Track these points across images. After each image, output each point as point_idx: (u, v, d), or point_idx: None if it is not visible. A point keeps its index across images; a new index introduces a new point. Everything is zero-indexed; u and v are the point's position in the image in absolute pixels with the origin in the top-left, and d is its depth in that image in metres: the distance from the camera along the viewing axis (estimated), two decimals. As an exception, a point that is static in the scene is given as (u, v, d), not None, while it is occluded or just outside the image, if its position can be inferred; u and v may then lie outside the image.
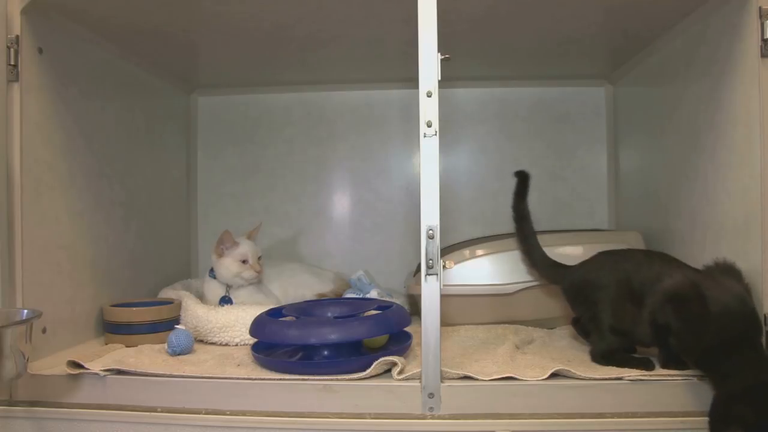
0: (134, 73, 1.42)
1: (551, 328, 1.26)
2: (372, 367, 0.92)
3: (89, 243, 1.21)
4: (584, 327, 1.09)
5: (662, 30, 1.23)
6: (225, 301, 1.32)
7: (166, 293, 1.37)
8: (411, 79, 0.90)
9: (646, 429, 0.88)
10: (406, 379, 0.91)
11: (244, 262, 1.32)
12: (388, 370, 0.95)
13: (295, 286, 1.45)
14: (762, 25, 0.91)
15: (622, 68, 1.55)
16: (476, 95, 1.70)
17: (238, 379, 0.94)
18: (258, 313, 1.10)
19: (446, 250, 1.34)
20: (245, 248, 1.33)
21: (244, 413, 0.92)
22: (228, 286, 1.35)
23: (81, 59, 1.20)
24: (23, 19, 1.01)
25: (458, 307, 1.27)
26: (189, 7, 1.11)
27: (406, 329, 1.08)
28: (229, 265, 1.33)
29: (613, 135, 1.66)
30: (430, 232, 0.87)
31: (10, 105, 0.99)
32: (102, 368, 0.96)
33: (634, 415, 0.89)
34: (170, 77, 1.60)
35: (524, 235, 1.19)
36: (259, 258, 1.35)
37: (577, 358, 1.02)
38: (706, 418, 0.83)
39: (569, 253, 1.29)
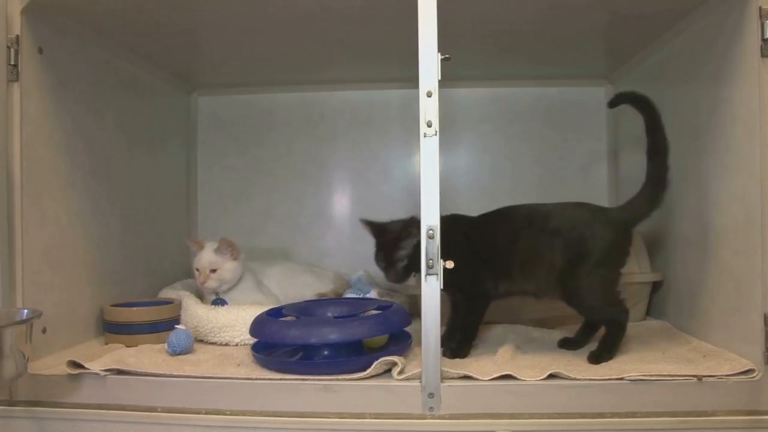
0: (134, 73, 1.42)
1: (551, 328, 1.26)
2: (372, 367, 0.92)
3: (89, 243, 1.21)
4: None
5: (662, 30, 1.23)
6: (217, 302, 1.31)
7: (166, 293, 1.37)
8: (411, 79, 0.90)
9: (646, 429, 0.88)
10: (407, 379, 0.91)
11: (197, 269, 1.32)
12: (388, 370, 0.95)
13: (295, 286, 1.45)
14: (762, 25, 0.91)
15: (622, 68, 1.54)
16: (476, 95, 1.70)
17: (238, 379, 0.94)
18: (258, 313, 1.10)
19: (446, 250, 1.34)
20: (198, 257, 1.32)
21: (244, 413, 0.92)
22: None
23: (81, 59, 1.20)
24: (23, 19, 1.01)
25: (458, 307, 1.27)
26: (190, 7, 1.11)
27: (406, 329, 1.08)
28: (193, 269, 1.34)
29: (613, 135, 1.66)
30: (430, 232, 0.87)
31: (10, 105, 1.00)
32: (102, 368, 0.96)
33: (634, 415, 0.89)
34: (170, 77, 1.60)
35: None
36: (214, 271, 1.30)
37: (577, 358, 1.02)
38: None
39: (569, 253, 1.29)
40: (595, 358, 1.00)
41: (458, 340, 1.05)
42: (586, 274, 1.01)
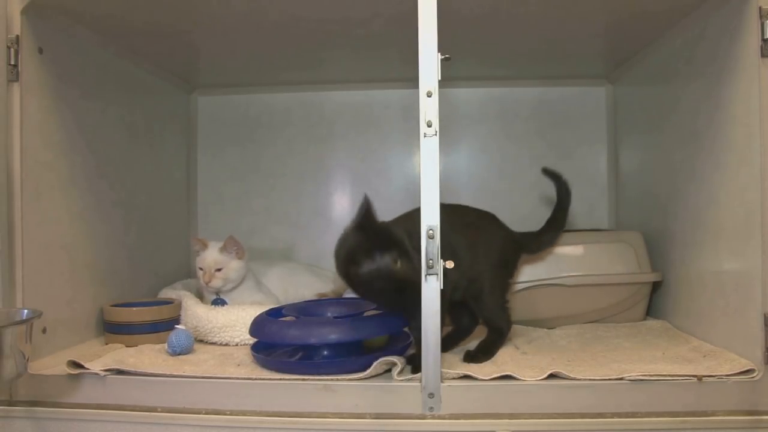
0: (134, 73, 1.42)
1: (551, 328, 1.26)
2: (372, 367, 0.92)
3: (89, 243, 1.21)
4: None
5: (662, 30, 1.23)
6: (217, 302, 1.31)
7: (166, 293, 1.37)
8: (411, 79, 0.90)
9: (646, 429, 0.88)
10: (407, 379, 0.91)
11: (201, 269, 1.32)
12: (388, 370, 0.95)
13: (295, 286, 1.45)
14: (762, 24, 0.91)
15: (622, 68, 1.55)
16: (476, 95, 1.70)
17: (238, 379, 0.94)
18: (258, 313, 1.10)
19: (446, 250, 1.34)
20: (203, 256, 1.32)
21: (244, 413, 0.92)
22: None
23: (81, 59, 1.20)
24: (23, 19, 1.01)
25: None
26: (190, 7, 1.11)
27: (406, 329, 1.08)
28: (196, 268, 1.34)
29: (613, 135, 1.66)
30: (430, 232, 0.86)
31: (10, 105, 0.99)
32: (102, 368, 0.96)
33: (634, 415, 0.89)
34: (170, 77, 1.60)
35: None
36: (219, 270, 1.30)
37: (577, 359, 1.02)
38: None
39: (569, 253, 1.29)
40: (471, 358, 1.01)
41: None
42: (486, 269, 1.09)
